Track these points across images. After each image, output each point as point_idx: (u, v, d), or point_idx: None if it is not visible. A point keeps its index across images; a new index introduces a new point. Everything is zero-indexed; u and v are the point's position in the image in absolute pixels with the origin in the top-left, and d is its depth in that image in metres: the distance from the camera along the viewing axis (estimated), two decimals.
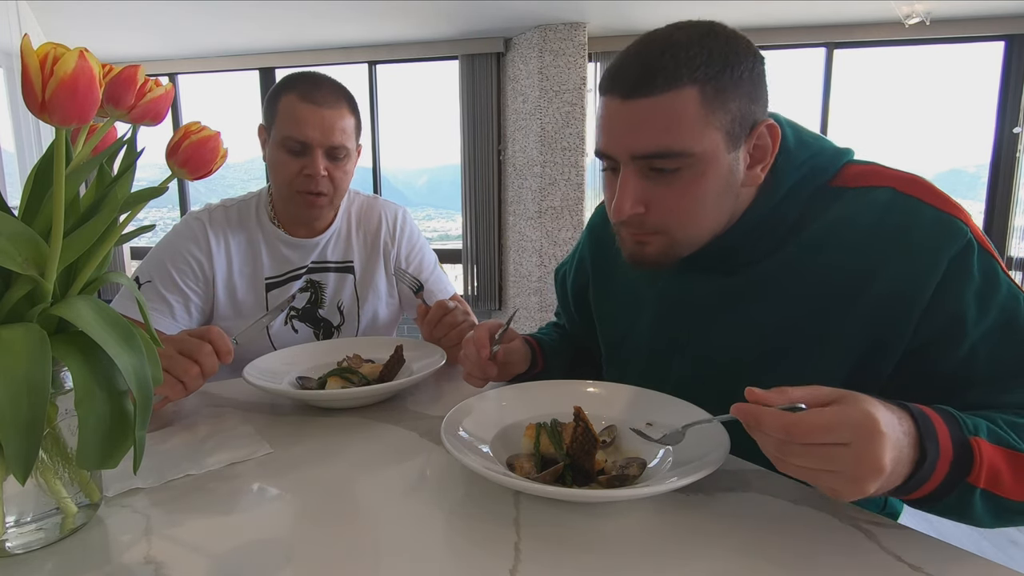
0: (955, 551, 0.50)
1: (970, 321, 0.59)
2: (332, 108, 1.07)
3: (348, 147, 1.10)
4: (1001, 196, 3.74)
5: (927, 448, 0.49)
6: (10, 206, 0.50)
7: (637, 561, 0.50)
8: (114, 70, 0.51)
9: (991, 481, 0.51)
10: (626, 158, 0.65)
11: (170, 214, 5.15)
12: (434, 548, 0.52)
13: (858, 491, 0.47)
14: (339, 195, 1.13)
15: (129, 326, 0.48)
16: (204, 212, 1.16)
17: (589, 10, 3.43)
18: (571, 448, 0.62)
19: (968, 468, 0.51)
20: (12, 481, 0.47)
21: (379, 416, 0.82)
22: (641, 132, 0.63)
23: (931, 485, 0.51)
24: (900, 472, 0.49)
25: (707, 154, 0.62)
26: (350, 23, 3.69)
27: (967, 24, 3.58)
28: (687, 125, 0.61)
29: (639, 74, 0.62)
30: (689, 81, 0.60)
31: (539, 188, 3.80)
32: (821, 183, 0.68)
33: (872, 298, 0.63)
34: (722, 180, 0.65)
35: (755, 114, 0.64)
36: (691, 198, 0.65)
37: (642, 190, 0.65)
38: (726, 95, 0.61)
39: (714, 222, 0.68)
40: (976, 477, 0.51)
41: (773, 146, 0.66)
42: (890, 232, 0.63)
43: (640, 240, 0.69)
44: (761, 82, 0.64)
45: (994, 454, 0.52)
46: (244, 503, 0.60)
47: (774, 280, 0.69)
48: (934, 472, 0.50)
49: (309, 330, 1.20)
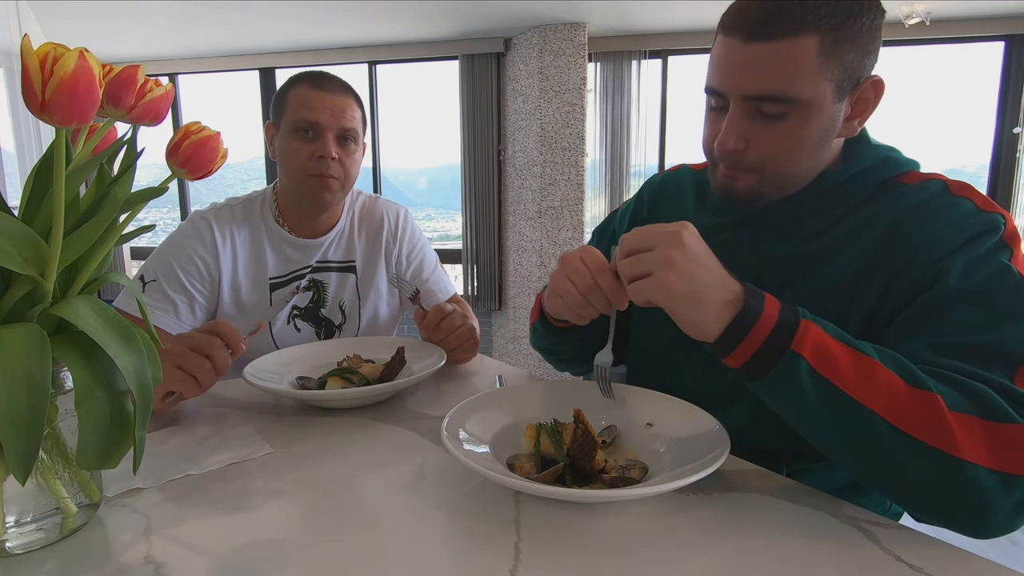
0: (955, 551, 0.50)
1: (952, 281, 0.61)
2: (341, 95, 1.11)
3: (357, 133, 1.13)
4: (1001, 196, 3.74)
5: (749, 301, 0.57)
6: (10, 206, 0.50)
7: (637, 561, 0.50)
8: (114, 70, 0.51)
9: (822, 362, 0.54)
10: (736, 97, 0.67)
11: (170, 214, 5.15)
12: (434, 548, 0.52)
13: (659, 283, 0.57)
14: (348, 182, 1.14)
15: (129, 326, 0.48)
16: (210, 212, 1.16)
17: (589, 10, 3.43)
18: (571, 449, 0.62)
19: (790, 335, 0.55)
20: (12, 481, 0.48)
21: (379, 416, 0.82)
22: (757, 74, 0.65)
23: (752, 344, 0.56)
24: (704, 292, 0.57)
25: (814, 102, 0.65)
26: (350, 23, 3.69)
27: (967, 24, 3.58)
28: (801, 73, 0.64)
29: (764, 17, 0.64)
30: (812, 29, 0.62)
31: (539, 188, 3.80)
32: (890, 176, 0.71)
33: (897, 256, 0.66)
34: (823, 128, 0.67)
35: (865, 68, 0.66)
36: (792, 141, 0.68)
37: (746, 128, 0.68)
38: (843, 47, 0.63)
39: (806, 168, 0.71)
40: (799, 344, 0.54)
41: (875, 101, 0.69)
42: (928, 210, 0.66)
43: (733, 176, 0.72)
44: (877, 35, 0.66)
45: (829, 342, 0.55)
46: (244, 503, 0.60)
47: (828, 253, 0.71)
48: (754, 326, 0.55)
49: (311, 329, 1.21)
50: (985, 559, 0.49)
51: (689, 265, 0.58)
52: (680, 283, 0.57)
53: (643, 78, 3.93)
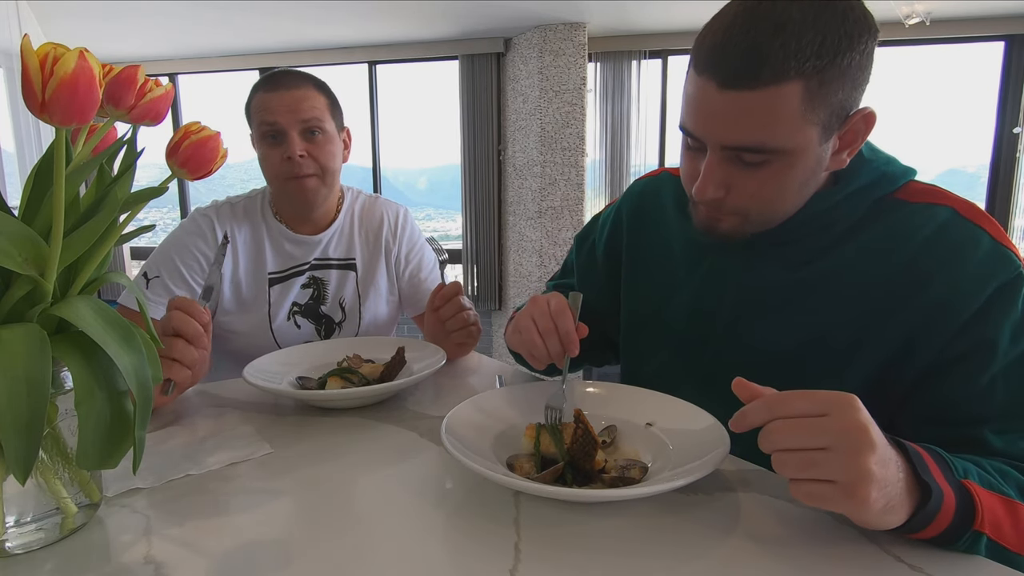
0: (955, 551, 0.50)
1: (1001, 349, 0.59)
2: (295, 89, 1.09)
3: (324, 126, 1.10)
4: (1001, 196, 3.75)
5: (927, 483, 0.48)
6: (10, 206, 0.50)
7: (637, 561, 0.50)
8: (114, 70, 0.51)
9: (995, 529, 0.50)
10: (714, 145, 0.63)
11: (170, 214, 5.15)
12: (434, 548, 0.52)
13: (857, 500, 0.45)
14: (329, 175, 1.13)
15: (129, 326, 0.48)
16: (212, 208, 1.17)
17: (589, 10, 3.43)
18: (571, 450, 0.62)
19: (972, 513, 0.49)
20: (12, 481, 0.47)
21: (379, 416, 0.82)
22: (735, 125, 0.60)
23: (938, 526, 0.49)
24: (896, 497, 0.47)
25: (798, 149, 0.60)
26: (350, 23, 3.69)
27: (967, 24, 3.58)
28: (784, 122, 0.58)
29: (741, 62, 0.57)
30: (796, 75, 0.56)
31: (539, 188, 3.80)
32: (886, 192, 0.67)
33: (917, 306, 0.62)
34: (808, 170, 0.63)
35: (854, 102, 0.61)
36: (774, 187, 0.64)
37: (725, 175, 0.64)
38: (830, 87, 0.58)
39: (792, 207, 0.67)
40: (981, 522, 0.49)
41: (866, 132, 0.64)
42: (946, 248, 0.63)
43: (715, 217, 0.69)
44: (868, 63, 0.60)
45: (991, 499, 0.51)
46: (244, 503, 0.60)
47: (828, 280, 0.68)
48: (940, 511, 0.48)
49: (311, 326, 1.21)
50: (985, 559, 0.50)
51: (885, 471, 0.46)
52: (882, 498, 0.46)
53: (643, 78, 3.93)
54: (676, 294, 0.81)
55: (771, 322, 0.72)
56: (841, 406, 0.47)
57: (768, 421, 0.49)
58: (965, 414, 0.60)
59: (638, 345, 0.88)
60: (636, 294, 0.88)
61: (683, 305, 0.80)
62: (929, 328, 0.62)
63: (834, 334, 0.67)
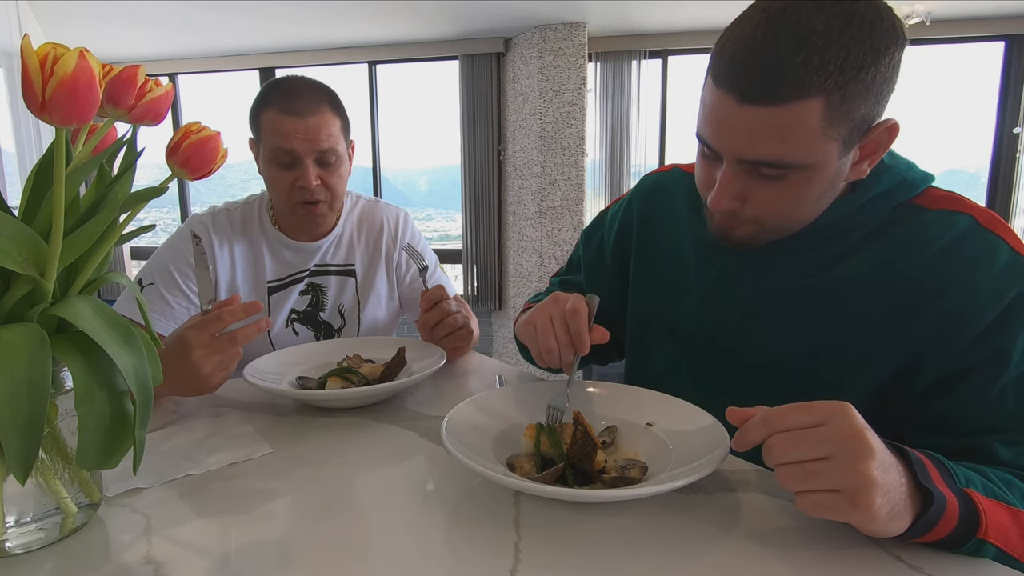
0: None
1: (1013, 360, 0.59)
2: (314, 116, 1.05)
3: (338, 151, 1.09)
4: (1001, 196, 3.74)
5: (928, 489, 0.48)
6: (10, 206, 0.50)
7: (637, 561, 0.50)
8: (114, 70, 0.51)
9: (1002, 539, 0.50)
10: (731, 158, 0.62)
11: (170, 214, 5.15)
12: (434, 548, 0.52)
13: (862, 507, 0.46)
14: (337, 200, 1.13)
15: (129, 326, 0.48)
16: (208, 216, 1.16)
17: (589, 10, 3.43)
18: (570, 451, 0.62)
19: (976, 521, 0.49)
20: (12, 481, 0.47)
21: (379, 416, 0.82)
22: (753, 140, 0.59)
23: (940, 532, 0.49)
24: (899, 503, 0.47)
25: (817, 164, 0.60)
26: (350, 23, 3.69)
27: (967, 24, 3.58)
28: (803, 138, 0.57)
29: (763, 77, 0.56)
30: (817, 92, 0.55)
31: (539, 188, 3.80)
32: (905, 198, 0.67)
33: (930, 319, 0.62)
34: (827, 182, 0.62)
35: (877, 114, 0.60)
36: (792, 200, 0.63)
37: (742, 187, 0.63)
38: (852, 103, 0.56)
39: (809, 216, 0.67)
40: (985, 531, 0.49)
41: (888, 143, 0.62)
42: (964, 258, 0.62)
43: (730, 225, 0.68)
44: (894, 74, 0.58)
45: (995, 508, 0.51)
46: (244, 503, 0.60)
47: (841, 288, 0.67)
48: (942, 517, 0.48)
49: (310, 333, 1.21)
50: (985, 560, 0.50)
51: (887, 476, 0.46)
52: (886, 504, 0.46)
53: (643, 78, 3.93)
54: (685, 295, 0.81)
55: (782, 328, 0.71)
56: (836, 414, 0.48)
57: (767, 436, 0.50)
58: (974, 424, 0.60)
59: (644, 344, 0.87)
60: (644, 293, 0.87)
61: (692, 307, 0.79)
62: (941, 341, 0.61)
63: (845, 343, 0.67)
